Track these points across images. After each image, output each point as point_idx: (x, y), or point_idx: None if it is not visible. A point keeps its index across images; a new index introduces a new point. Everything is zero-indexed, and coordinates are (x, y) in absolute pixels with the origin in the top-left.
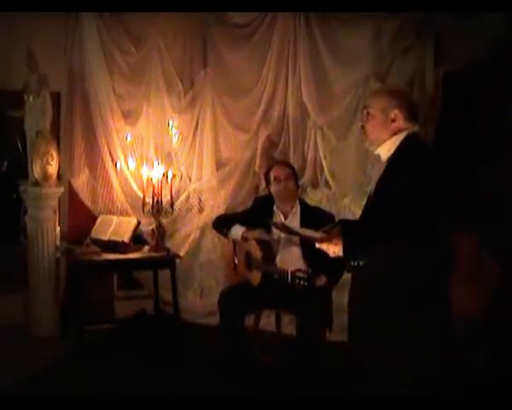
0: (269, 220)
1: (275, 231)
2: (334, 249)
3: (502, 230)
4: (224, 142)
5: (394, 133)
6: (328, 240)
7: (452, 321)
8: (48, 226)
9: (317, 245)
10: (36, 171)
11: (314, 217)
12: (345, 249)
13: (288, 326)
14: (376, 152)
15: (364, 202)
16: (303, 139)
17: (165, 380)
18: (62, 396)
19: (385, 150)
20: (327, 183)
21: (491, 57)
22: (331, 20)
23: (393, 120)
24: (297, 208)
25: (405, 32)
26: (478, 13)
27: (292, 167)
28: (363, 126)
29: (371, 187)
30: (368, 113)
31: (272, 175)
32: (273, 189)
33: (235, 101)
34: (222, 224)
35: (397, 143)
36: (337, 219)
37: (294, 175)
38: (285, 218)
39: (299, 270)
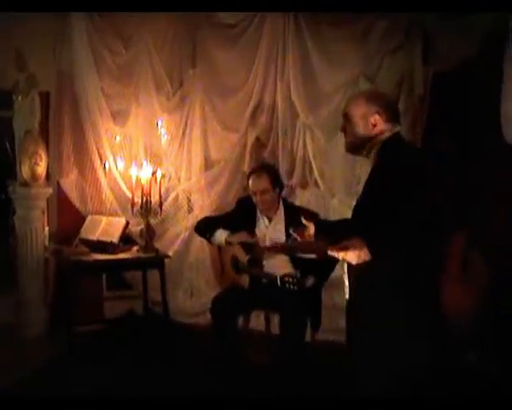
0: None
1: (259, 233)
2: (359, 254)
3: (491, 229)
4: (213, 142)
5: (377, 137)
6: (344, 248)
7: (443, 321)
8: (36, 227)
9: (340, 256)
10: (24, 171)
11: (299, 217)
12: (371, 250)
13: (278, 326)
14: (361, 156)
15: (354, 203)
16: (292, 139)
17: (155, 380)
18: (52, 397)
19: (369, 154)
20: (316, 183)
21: (479, 57)
22: (320, 20)
23: (374, 125)
24: (281, 211)
25: (394, 32)
26: (466, 13)
27: (272, 173)
28: (344, 132)
29: (358, 189)
30: (347, 120)
31: (249, 187)
32: (253, 197)
33: (223, 101)
34: (204, 229)
35: (380, 145)
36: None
37: (274, 183)
38: (269, 221)
39: (287, 274)
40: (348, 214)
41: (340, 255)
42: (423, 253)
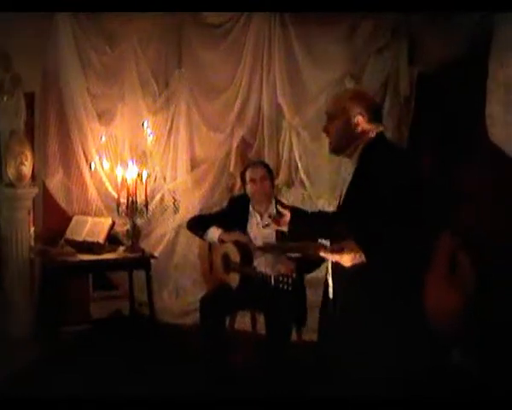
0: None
1: (250, 230)
2: (352, 257)
3: (478, 230)
4: (199, 142)
5: (359, 137)
6: (339, 250)
7: (427, 322)
8: (22, 227)
9: (334, 259)
10: (10, 172)
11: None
12: (367, 254)
13: (264, 326)
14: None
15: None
16: (278, 139)
17: (141, 380)
18: (38, 397)
19: (352, 154)
20: (302, 183)
21: (464, 57)
22: (306, 20)
23: (357, 125)
24: (272, 208)
25: (380, 32)
26: (452, 13)
27: (267, 167)
28: (327, 132)
29: (341, 189)
30: (330, 119)
31: (248, 176)
32: (249, 189)
33: (209, 101)
34: (197, 226)
35: (363, 145)
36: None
37: (270, 175)
38: (261, 217)
39: (281, 274)
40: None
41: (334, 258)
42: (409, 253)
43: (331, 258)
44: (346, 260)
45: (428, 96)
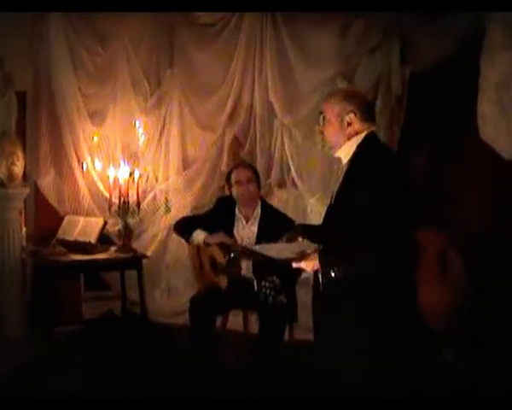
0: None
1: (236, 234)
2: (313, 264)
3: (469, 229)
4: (191, 142)
5: (351, 136)
6: (302, 258)
7: (421, 319)
8: (14, 227)
9: (295, 265)
10: (1, 171)
11: (273, 220)
12: (321, 261)
13: (256, 325)
14: (336, 155)
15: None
16: (270, 139)
17: (133, 380)
18: (30, 397)
19: (344, 153)
20: (294, 182)
21: (456, 57)
22: (298, 19)
23: (349, 124)
24: (258, 211)
25: (372, 31)
26: (444, 13)
27: (254, 169)
28: (321, 132)
29: (333, 190)
30: (323, 118)
31: (233, 178)
32: (234, 192)
33: (201, 101)
34: (183, 229)
35: (355, 145)
36: (302, 222)
37: (256, 177)
38: (246, 221)
39: (264, 279)
40: None
41: (297, 264)
42: (400, 253)
43: (295, 265)
44: (308, 265)
45: (420, 95)
